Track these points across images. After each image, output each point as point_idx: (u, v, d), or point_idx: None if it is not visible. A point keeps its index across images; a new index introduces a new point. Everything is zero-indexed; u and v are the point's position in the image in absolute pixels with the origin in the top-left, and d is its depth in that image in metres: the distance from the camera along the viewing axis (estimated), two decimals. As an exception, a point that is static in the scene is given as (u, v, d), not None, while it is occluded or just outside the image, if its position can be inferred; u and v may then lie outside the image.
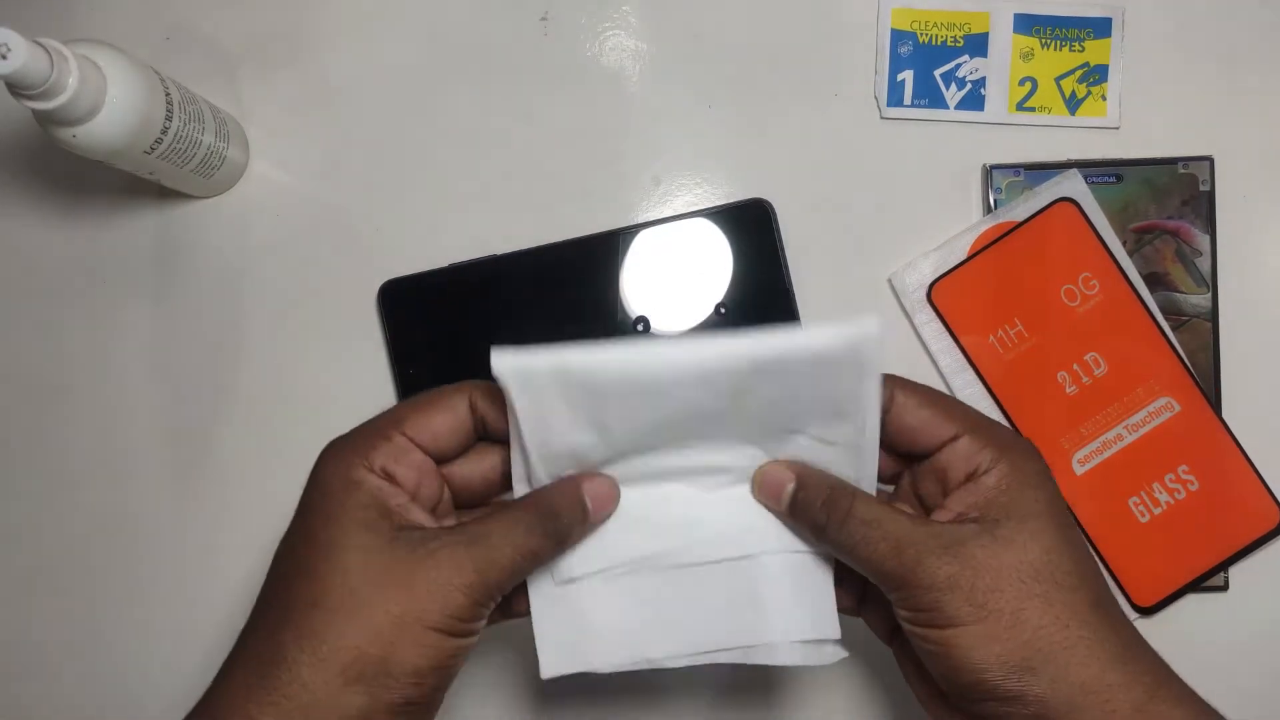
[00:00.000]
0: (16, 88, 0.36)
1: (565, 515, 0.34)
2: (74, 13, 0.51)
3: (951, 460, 0.34)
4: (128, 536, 0.50)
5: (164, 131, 0.43)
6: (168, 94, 0.43)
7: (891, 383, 0.35)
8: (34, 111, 0.38)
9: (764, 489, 0.36)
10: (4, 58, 0.35)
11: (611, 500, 0.36)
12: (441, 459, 0.35)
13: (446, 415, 0.35)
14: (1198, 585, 0.48)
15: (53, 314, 0.51)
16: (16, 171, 0.51)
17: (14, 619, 0.50)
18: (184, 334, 0.50)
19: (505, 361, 0.33)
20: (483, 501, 0.37)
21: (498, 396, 0.34)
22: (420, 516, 0.34)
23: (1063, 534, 0.33)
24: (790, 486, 0.35)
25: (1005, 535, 0.33)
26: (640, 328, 0.49)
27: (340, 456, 0.34)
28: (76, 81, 0.37)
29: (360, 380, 0.50)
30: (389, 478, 0.33)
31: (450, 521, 0.36)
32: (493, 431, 0.36)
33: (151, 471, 0.50)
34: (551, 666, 0.36)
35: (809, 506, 0.35)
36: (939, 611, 0.32)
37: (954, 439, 0.34)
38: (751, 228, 0.49)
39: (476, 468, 0.36)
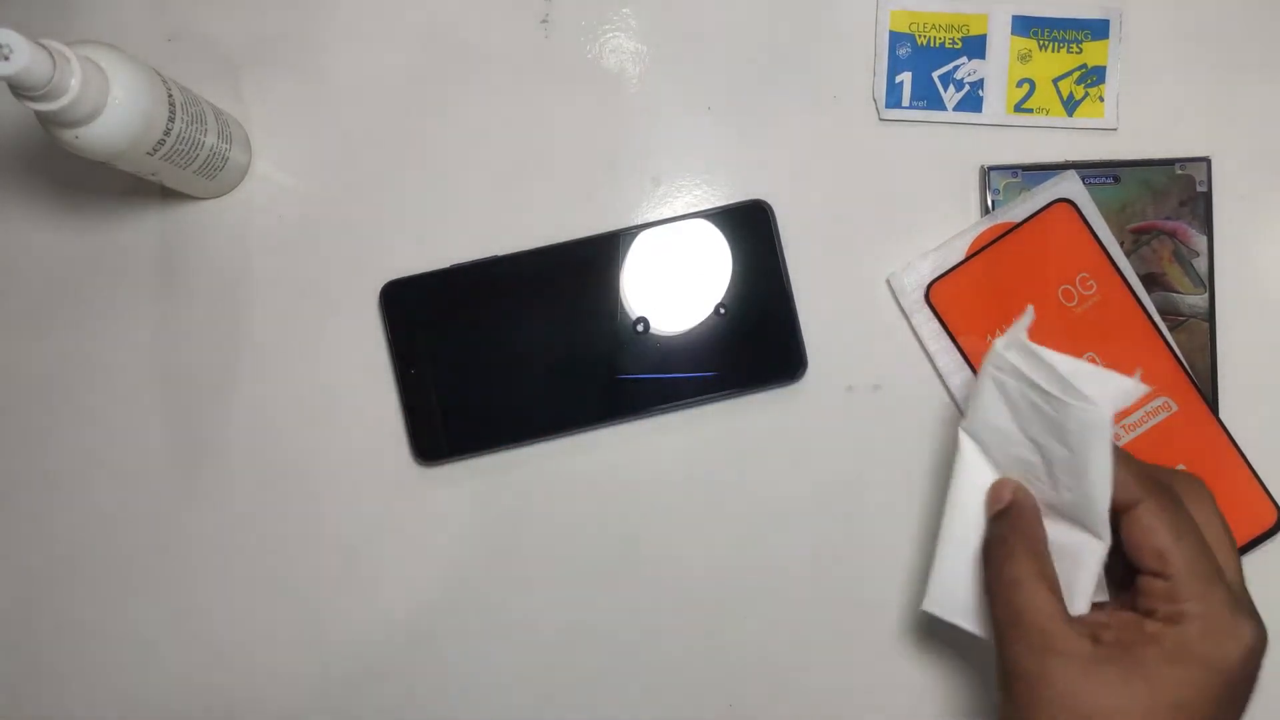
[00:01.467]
0: (19, 89, 0.36)
1: None
2: (76, 14, 0.51)
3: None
4: (129, 536, 0.50)
5: (166, 133, 0.43)
6: (170, 95, 0.43)
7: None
8: (36, 113, 0.38)
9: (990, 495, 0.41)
10: (6, 59, 0.35)
11: None
12: None
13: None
14: (1195, 584, 0.48)
15: (55, 314, 0.51)
16: (18, 172, 0.52)
17: (14, 618, 0.50)
18: (186, 334, 0.51)
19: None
20: None
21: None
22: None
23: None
24: (998, 508, 0.40)
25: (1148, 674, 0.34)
26: (640, 328, 0.49)
27: None
28: (79, 83, 0.38)
29: (361, 380, 0.50)
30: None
31: None
32: None
33: (153, 471, 0.50)
34: (934, 604, 0.42)
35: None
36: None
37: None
38: (751, 229, 0.49)
39: None
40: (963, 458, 0.42)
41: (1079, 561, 0.37)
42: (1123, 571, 0.37)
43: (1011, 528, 0.38)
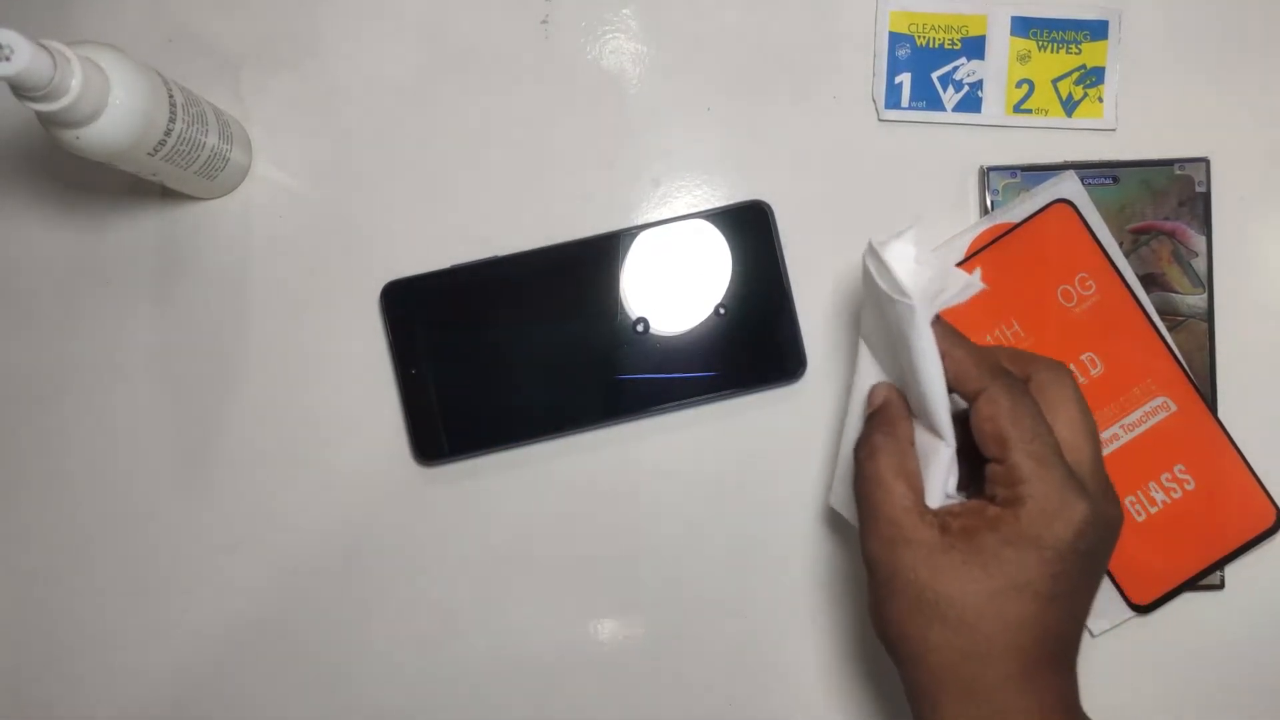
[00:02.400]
0: (20, 89, 0.36)
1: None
2: (77, 14, 0.51)
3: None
4: (130, 537, 0.50)
5: (167, 133, 0.43)
6: (171, 96, 0.43)
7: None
8: (37, 113, 0.38)
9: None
10: (7, 59, 0.35)
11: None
12: None
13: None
14: (1194, 584, 0.48)
15: (55, 315, 0.51)
16: (19, 173, 0.52)
17: (16, 619, 0.51)
18: (187, 335, 0.51)
19: None
20: None
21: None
22: None
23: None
24: (870, 409, 0.41)
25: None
26: (640, 328, 0.49)
27: None
28: (80, 83, 0.38)
29: (362, 380, 0.50)
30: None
31: None
32: None
33: (154, 472, 0.50)
34: (836, 501, 0.45)
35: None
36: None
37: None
38: (750, 229, 0.49)
39: None
40: (858, 362, 0.43)
41: (930, 462, 0.38)
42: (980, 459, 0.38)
43: (875, 427, 0.39)
